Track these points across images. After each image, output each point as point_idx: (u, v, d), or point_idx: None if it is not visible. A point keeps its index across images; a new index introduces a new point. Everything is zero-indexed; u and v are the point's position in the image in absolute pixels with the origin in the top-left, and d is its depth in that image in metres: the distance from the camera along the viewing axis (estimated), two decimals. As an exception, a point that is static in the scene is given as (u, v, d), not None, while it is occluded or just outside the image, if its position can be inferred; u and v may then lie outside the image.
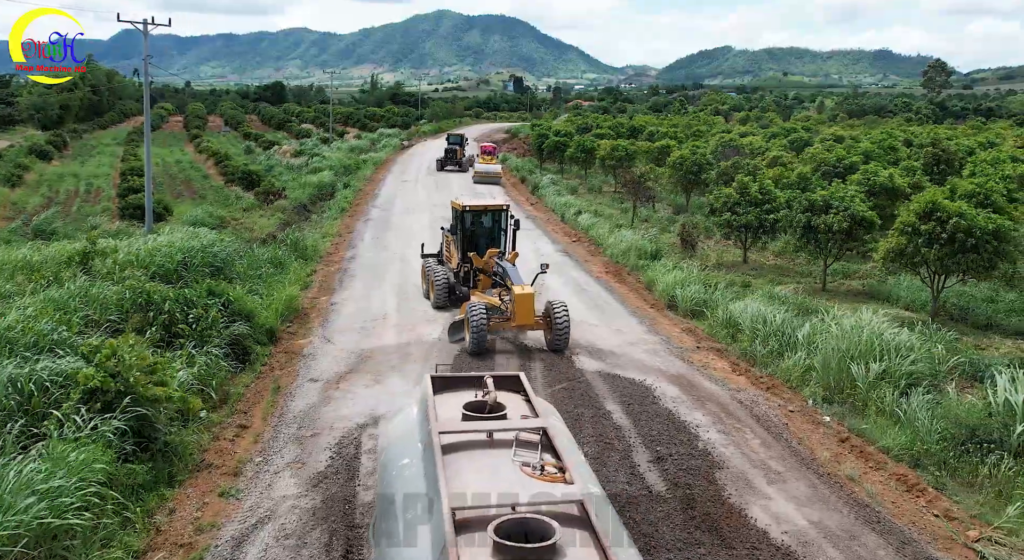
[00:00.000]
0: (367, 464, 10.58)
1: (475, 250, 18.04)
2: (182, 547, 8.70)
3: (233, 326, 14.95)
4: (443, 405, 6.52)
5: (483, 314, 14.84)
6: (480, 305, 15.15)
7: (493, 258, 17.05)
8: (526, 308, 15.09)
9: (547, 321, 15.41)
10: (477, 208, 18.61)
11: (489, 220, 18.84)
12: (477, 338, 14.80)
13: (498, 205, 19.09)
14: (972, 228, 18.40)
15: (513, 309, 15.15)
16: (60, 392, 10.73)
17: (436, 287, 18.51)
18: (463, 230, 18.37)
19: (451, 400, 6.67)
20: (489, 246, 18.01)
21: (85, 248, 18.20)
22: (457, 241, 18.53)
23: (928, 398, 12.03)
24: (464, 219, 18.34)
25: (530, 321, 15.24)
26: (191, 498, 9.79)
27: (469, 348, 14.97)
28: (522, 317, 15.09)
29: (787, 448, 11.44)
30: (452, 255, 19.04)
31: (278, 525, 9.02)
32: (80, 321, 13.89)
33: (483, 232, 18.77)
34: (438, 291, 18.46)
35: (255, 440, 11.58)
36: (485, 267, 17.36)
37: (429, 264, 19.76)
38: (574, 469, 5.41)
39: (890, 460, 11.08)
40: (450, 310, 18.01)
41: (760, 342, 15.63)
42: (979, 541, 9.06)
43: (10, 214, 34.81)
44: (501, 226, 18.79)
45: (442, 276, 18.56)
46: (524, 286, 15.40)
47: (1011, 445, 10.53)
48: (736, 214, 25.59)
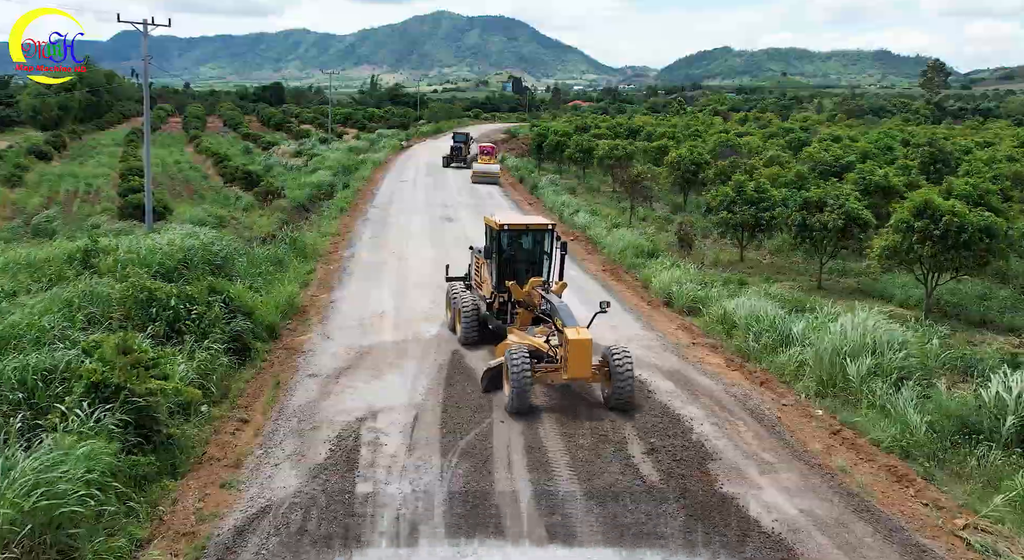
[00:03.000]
0: (366, 456, 10.76)
1: (513, 277, 14.99)
2: (184, 536, 8.87)
3: (234, 322, 15.12)
4: None
5: (526, 363, 12.01)
6: (522, 351, 12.29)
7: (536, 289, 14.23)
8: (582, 358, 12.07)
9: (604, 371, 12.57)
10: (517, 226, 15.49)
11: (530, 241, 15.66)
12: (519, 396, 11.96)
13: (541, 223, 15.85)
14: (964, 225, 18.64)
15: (566, 358, 12.17)
16: (62, 387, 10.91)
17: (464, 320, 15.45)
18: (499, 253, 15.19)
19: None
20: (530, 272, 15.05)
21: (87, 246, 18.37)
22: (491, 266, 15.39)
23: (919, 392, 12.22)
24: (501, 239, 15.15)
25: (586, 373, 12.24)
26: (193, 489, 9.95)
27: (509, 407, 12.11)
28: (577, 368, 12.08)
29: (779, 440, 11.62)
30: (484, 281, 15.97)
31: (279, 515, 9.20)
32: (84, 318, 14.06)
33: (523, 256, 15.56)
34: (467, 325, 15.43)
35: (255, 434, 11.75)
36: (527, 299, 14.50)
37: (455, 290, 16.57)
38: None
39: (880, 452, 11.27)
40: (484, 347, 15.23)
41: (754, 338, 15.81)
42: (966, 529, 9.24)
43: (9, 214, 34.95)
44: (544, 249, 15.49)
45: (471, 306, 15.56)
46: (579, 329, 12.27)
47: (1001, 437, 10.72)
48: (732, 212, 25.78)
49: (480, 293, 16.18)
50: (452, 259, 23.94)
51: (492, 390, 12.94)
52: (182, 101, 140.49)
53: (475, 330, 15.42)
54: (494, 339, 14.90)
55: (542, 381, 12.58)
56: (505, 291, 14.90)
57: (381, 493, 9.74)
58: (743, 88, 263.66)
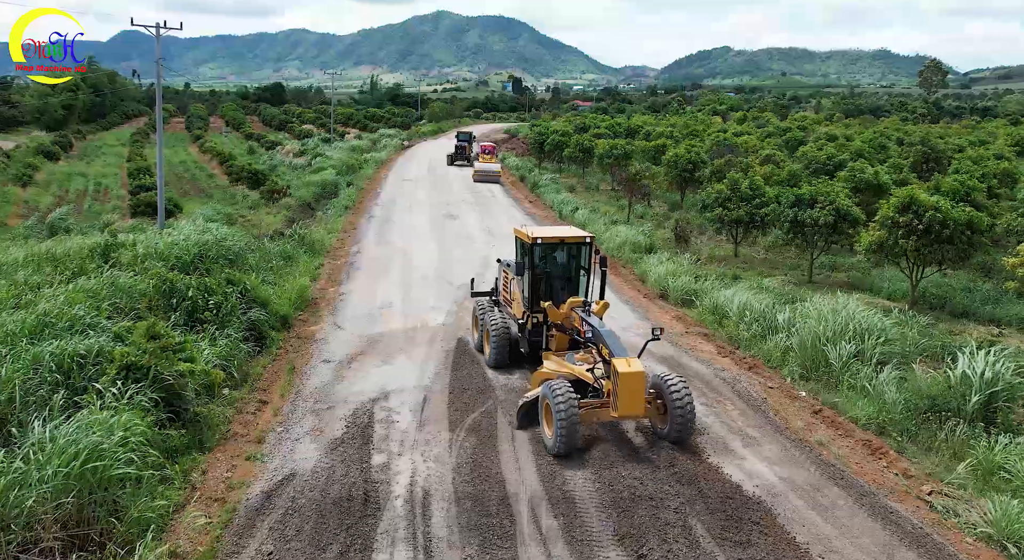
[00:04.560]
0: (380, 431, 11.62)
1: (548, 295, 13.78)
2: (216, 501, 9.71)
3: (250, 312, 15.98)
4: None
5: (573, 400, 10.64)
6: (564, 386, 10.92)
7: (575, 310, 12.80)
8: (635, 393, 10.58)
9: (659, 404, 11.31)
10: (551, 239, 14.05)
11: (564, 255, 14.30)
12: (567, 436, 10.55)
13: (578, 236, 14.26)
14: (946, 220, 19.46)
15: (616, 393, 10.63)
16: (95, 369, 11.74)
17: (494, 341, 14.26)
18: (532, 269, 13.78)
19: None
20: (565, 290, 13.92)
21: (106, 241, 19.21)
22: (523, 283, 14.06)
23: (895, 374, 13.06)
24: (533, 254, 13.72)
25: (639, 411, 10.81)
26: (221, 462, 10.80)
27: (554, 448, 10.72)
28: (629, 405, 10.58)
29: (764, 418, 12.47)
30: (514, 299, 14.78)
31: (302, 482, 10.05)
32: (109, 307, 14.90)
33: (557, 272, 14.27)
34: (497, 347, 14.24)
35: (275, 413, 12.59)
36: (564, 322, 13.16)
37: (483, 307, 15.45)
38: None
39: (858, 428, 12.11)
40: (517, 371, 14.26)
41: (744, 327, 16.64)
42: (931, 494, 10.10)
43: (23, 212, 35.84)
44: (581, 264, 14.19)
45: (501, 325, 14.37)
46: (630, 360, 10.77)
47: (967, 413, 11.56)
48: (727, 209, 26.60)
49: (510, 311, 15.02)
50: (455, 256, 24.94)
51: (528, 426, 11.58)
52: (183, 101, 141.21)
53: (506, 353, 14.26)
54: (526, 362, 14.10)
55: (588, 420, 11.15)
56: (539, 311, 13.70)
57: (395, 463, 10.60)
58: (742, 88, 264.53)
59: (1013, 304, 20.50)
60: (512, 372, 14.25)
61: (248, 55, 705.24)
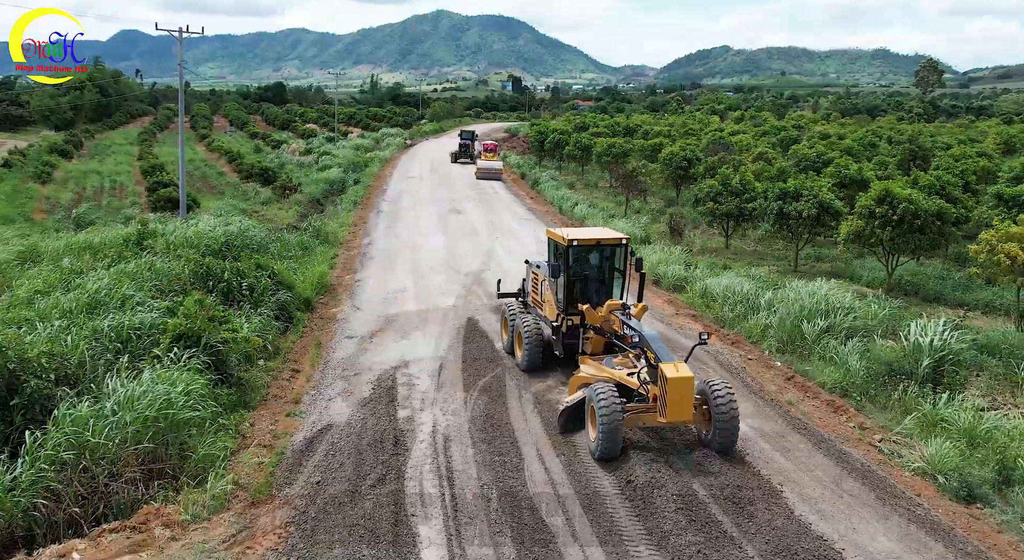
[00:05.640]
0: (403, 392, 13.22)
1: (583, 298, 13.77)
2: (265, 447, 11.30)
3: (279, 294, 17.57)
4: None
5: (617, 403, 10.65)
6: (609, 389, 10.92)
7: (614, 313, 12.71)
8: (683, 399, 10.54)
9: (704, 410, 11.20)
10: (587, 241, 13.90)
11: (598, 257, 14.22)
12: (610, 439, 10.53)
13: (614, 237, 14.22)
14: (919, 211, 21.07)
15: (664, 398, 10.57)
16: (149, 339, 13.33)
17: (527, 345, 13.98)
18: (567, 271, 13.70)
19: None
20: (599, 292, 13.90)
21: (140, 231, 20.80)
22: (557, 286, 13.97)
23: (859, 345, 14.64)
24: (568, 256, 13.63)
25: (687, 416, 10.75)
26: (264, 417, 12.39)
27: (597, 452, 10.71)
28: (677, 411, 10.56)
29: (741, 382, 14.06)
30: (546, 301, 14.67)
31: (339, 429, 11.66)
32: (151, 288, 16.49)
33: (592, 274, 14.26)
34: (530, 351, 13.98)
35: (307, 380, 14.18)
36: (603, 325, 13.04)
37: (512, 309, 15.35)
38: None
39: (824, 391, 13.71)
40: (546, 375, 14.07)
41: (729, 308, 18.23)
42: (881, 441, 11.70)
43: (45, 207, 37.42)
44: (616, 265, 14.16)
45: (534, 328, 14.09)
46: (678, 365, 10.77)
47: (918, 376, 13.15)
48: (718, 203, 28.18)
49: (541, 314, 14.94)
50: (462, 248, 26.48)
51: (571, 431, 11.58)
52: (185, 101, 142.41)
53: (539, 356, 14.05)
54: (559, 365, 14.15)
55: (632, 424, 11.18)
56: (574, 313, 13.66)
57: (418, 416, 12.21)
58: (741, 87, 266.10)
59: (981, 290, 22.08)
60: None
61: (247, 55, 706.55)
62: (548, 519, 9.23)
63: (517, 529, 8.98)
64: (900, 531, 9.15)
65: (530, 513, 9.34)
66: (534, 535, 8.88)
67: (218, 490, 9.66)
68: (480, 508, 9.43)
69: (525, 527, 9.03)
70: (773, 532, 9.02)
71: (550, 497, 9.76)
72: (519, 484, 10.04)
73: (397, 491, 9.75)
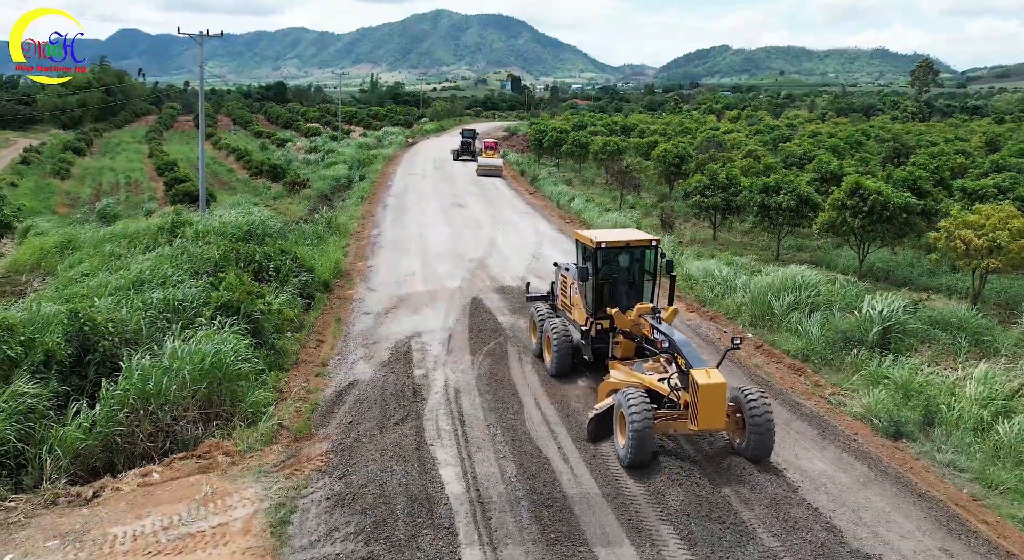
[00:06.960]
0: (417, 356, 15.11)
1: (612, 301, 13.54)
2: (300, 400, 13.14)
3: (301, 275, 19.43)
4: None
5: (648, 409, 10.46)
6: (640, 395, 10.73)
7: (644, 317, 12.44)
8: (716, 406, 10.33)
9: (737, 418, 11.00)
10: (615, 244, 13.56)
11: (627, 259, 13.89)
12: (639, 446, 10.35)
13: (644, 239, 13.88)
14: (887, 203, 22.93)
15: (696, 405, 10.35)
16: (194, 310, 15.18)
17: (556, 349, 13.82)
18: (596, 274, 13.50)
19: None
20: (629, 295, 13.63)
21: (175, 220, 22.68)
22: (586, 289, 13.80)
23: (821, 317, 16.50)
24: (596, 259, 13.42)
25: (720, 424, 10.56)
26: (297, 377, 14.24)
27: (626, 459, 10.54)
28: (710, 418, 10.34)
29: (714, 350, 15.92)
30: (575, 304, 14.52)
31: (364, 384, 13.54)
32: (188, 269, 18.35)
33: (621, 276, 13.93)
34: (559, 355, 13.83)
35: (331, 348, 16.03)
36: (633, 329, 12.85)
37: (541, 312, 15.16)
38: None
39: (787, 357, 15.57)
40: (574, 381, 13.99)
41: (708, 288, 20.10)
42: (831, 394, 13.57)
43: (68, 202, 39.28)
44: (646, 268, 13.86)
45: (562, 333, 13.96)
46: (709, 370, 10.53)
47: (868, 342, 15.02)
48: (705, 196, 30.05)
49: (569, 317, 14.82)
50: (465, 238, 28.32)
51: (601, 439, 11.40)
52: (186, 100, 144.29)
53: (568, 361, 13.96)
54: (588, 369, 14.19)
55: (663, 431, 11.02)
56: (603, 317, 13.48)
57: (432, 374, 14.09)
58: (739, 87, 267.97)
59: (945, 276, 23.94)
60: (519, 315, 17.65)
61: (247, 54, 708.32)
62: (544, 450, 11.09)
63: (518, 455, 10.86)
64: (834, 457, 11.04)
65: (529, 443, 11.22)
66: (532, 458, 10.76)
67: (266, 429, 11.52)
68: (487, 440, 11.31)
69: (525, 454, 10.90)
70: (724, 459, 10.86)
71: (545, 433, 11.64)
72: (519, 423, 11.92)
73: (418, 427, 11.65)
